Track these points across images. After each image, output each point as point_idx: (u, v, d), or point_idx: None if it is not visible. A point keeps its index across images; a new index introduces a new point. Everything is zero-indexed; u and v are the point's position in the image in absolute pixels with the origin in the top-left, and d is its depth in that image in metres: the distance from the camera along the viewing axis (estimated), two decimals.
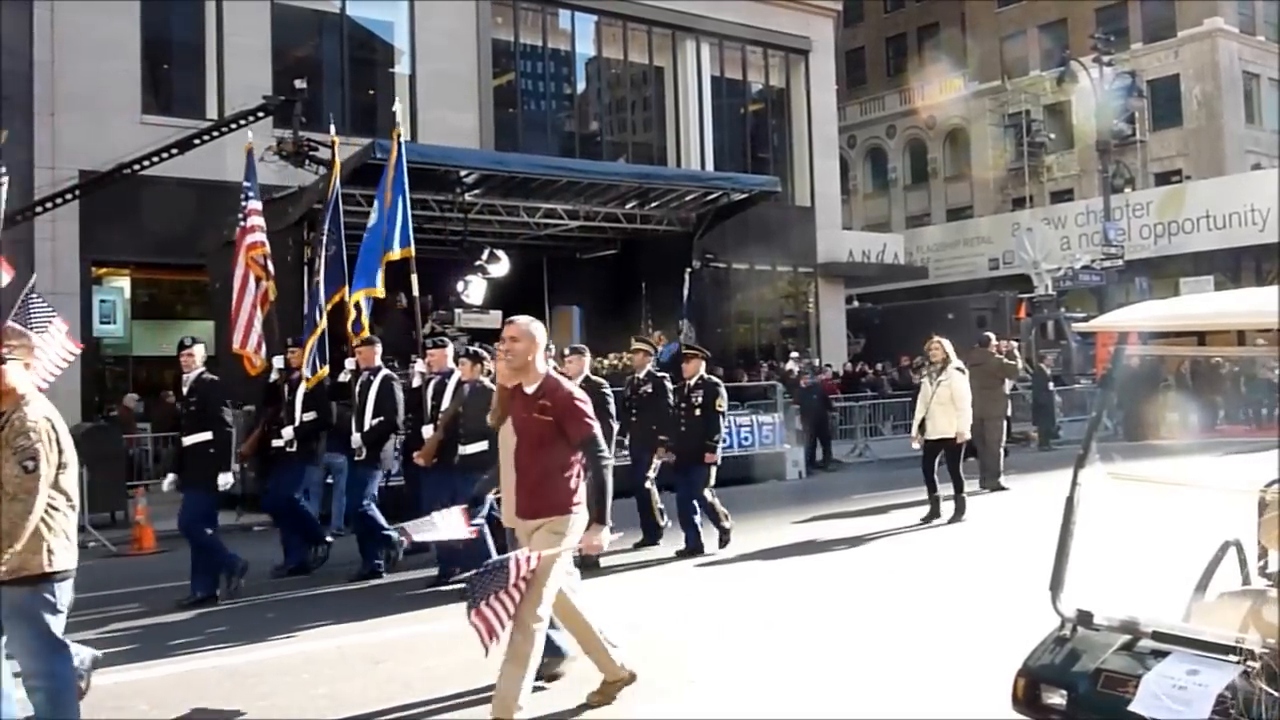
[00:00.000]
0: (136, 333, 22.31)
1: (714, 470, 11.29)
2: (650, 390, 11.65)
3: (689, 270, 20.02)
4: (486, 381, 9.27)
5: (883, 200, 51.76)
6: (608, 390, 10.36)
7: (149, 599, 9.70)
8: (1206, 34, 42.43)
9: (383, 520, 10.55)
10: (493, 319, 17.35)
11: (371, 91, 24.87)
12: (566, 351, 10.63)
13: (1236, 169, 40.74)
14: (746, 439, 18.95)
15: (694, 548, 11.04)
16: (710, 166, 28.04)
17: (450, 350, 10.51)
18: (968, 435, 13.02)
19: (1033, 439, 23.41)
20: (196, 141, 16.48)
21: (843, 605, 8.72)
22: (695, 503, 11.24)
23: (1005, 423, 16.49)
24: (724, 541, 11.29)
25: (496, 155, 21.99)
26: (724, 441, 11.90)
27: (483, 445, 8.88)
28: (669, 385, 11.65)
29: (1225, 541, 4.56)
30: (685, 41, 28.77)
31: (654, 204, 19.81)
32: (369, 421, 10.62)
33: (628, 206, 19.67)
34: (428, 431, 10.15)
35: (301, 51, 23.08)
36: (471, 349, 10.07)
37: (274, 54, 21.85)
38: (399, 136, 13.39)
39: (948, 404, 12.70)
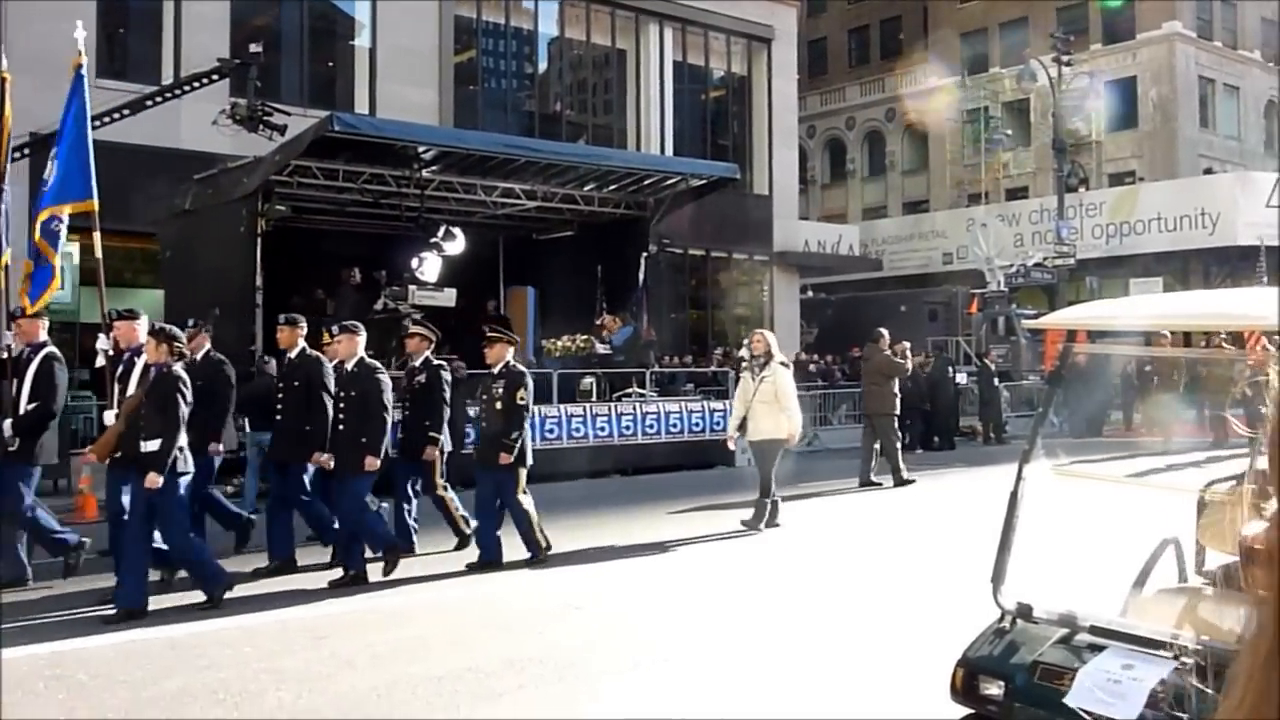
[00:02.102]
0: (84, 299, 21.98)
1: (523, 473, 9.79)
2: (425, 380, 10.48)
3: (645, 254, 20.04)
4: (177, 367, 8.18)
5: (840, 191, 51.97)
6: (382, 376, 9.42)
7: (91, 568, 9.58)
8: (1164, 38, 42.89)
9: (53, 522, 9.45)
10: (447, 296, 17.32)
11: (331, 64, 24.62)
12: (335, 330, 9.69)
13: (1189, 172, 41.27)
14: (697, 424, 18.99)
15: (488, 561, 9.53)
16: (670, 151, 28.04)
17: (143, 323, 9.32)
18: (797, 437, 12.18)
19: (979, 433, 23.68)
20: (149, 104, 16.21)
21: (777, 596, 8.79)
22: (508, 510, 9.86)
23: (895, 420, 16.29)
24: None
25: (455, 132, 21.84)
26: (528, 438, 10.05)
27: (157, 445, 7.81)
28: (446, 375, 10.66)
29: (1164, 539, 4.64)
30: (649, 25, 28.71)
31: (612, 187, 19.78)
32: (24, 407, 9.30)
33: (586, 189, 19.63)
34: (109, 419, 9.07)
35: (261, 20, 22.76)
36: (160, 327, 8.68)
37: (233, 22, 21.53)
38: (79, 67, 11.94)
39: (771, 402, 11.63)
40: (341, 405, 9.31)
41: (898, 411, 16.36)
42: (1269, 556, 0.79)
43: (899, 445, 16.12)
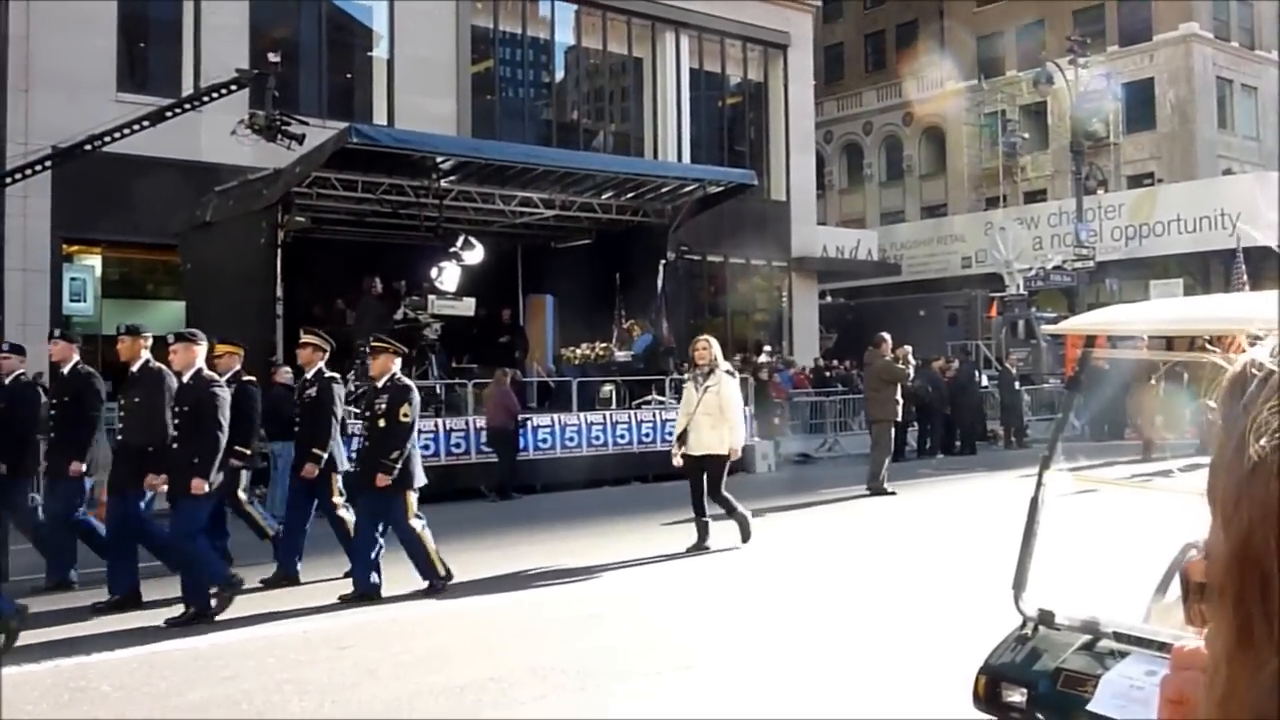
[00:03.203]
0: (107, 311, 22.14)
1: (413, 497, 9.01)
2: (315, 394, 9.88)
3: (663, 262, 20.06)
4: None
5: (858, 196, 51.87)
6: (219, 390, 8.59)
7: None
8: (1181, 39, 42.71)
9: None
10: (466, 305, 17.37)
11: (349, 75, 24.76)
12: (170, 339, 8.92)
13: (1208, 173, 41.06)
14: None
15: (364, 593, 8.73)
16: (687, 158, 28.07)
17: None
18: (739, 451, 11.33)
19: (1000, 437, 23.63)
20: (168, 115, 16.32)
21: (800, 602, 8.78)
22: (398, 536, 9.03)
23: (893, 427, 15.91)
24: (443, 577, 9.04)
25: (473, 142, 21.93)
26: (416, 458, 9.21)
27: None
28: (339, 389, 10.13)
29: (1186, 543, 4.62)
30: (665, 33, 28.74)
31: (630, 195, 19.81)
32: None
33: (603, 197, 19.66)
34: None
35: (279, 32, 22.89)
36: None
37: (252, 34, 21.67)
38: None
39: (715, 414, 10.78)
40: (175, 422, 8.53)
41: (898, 418, 16.09)
42: (1215, 589, 0.77)
43: (888, 453, 15.68)
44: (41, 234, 19.68)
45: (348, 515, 9.65)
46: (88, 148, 15.61)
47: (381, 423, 8.98)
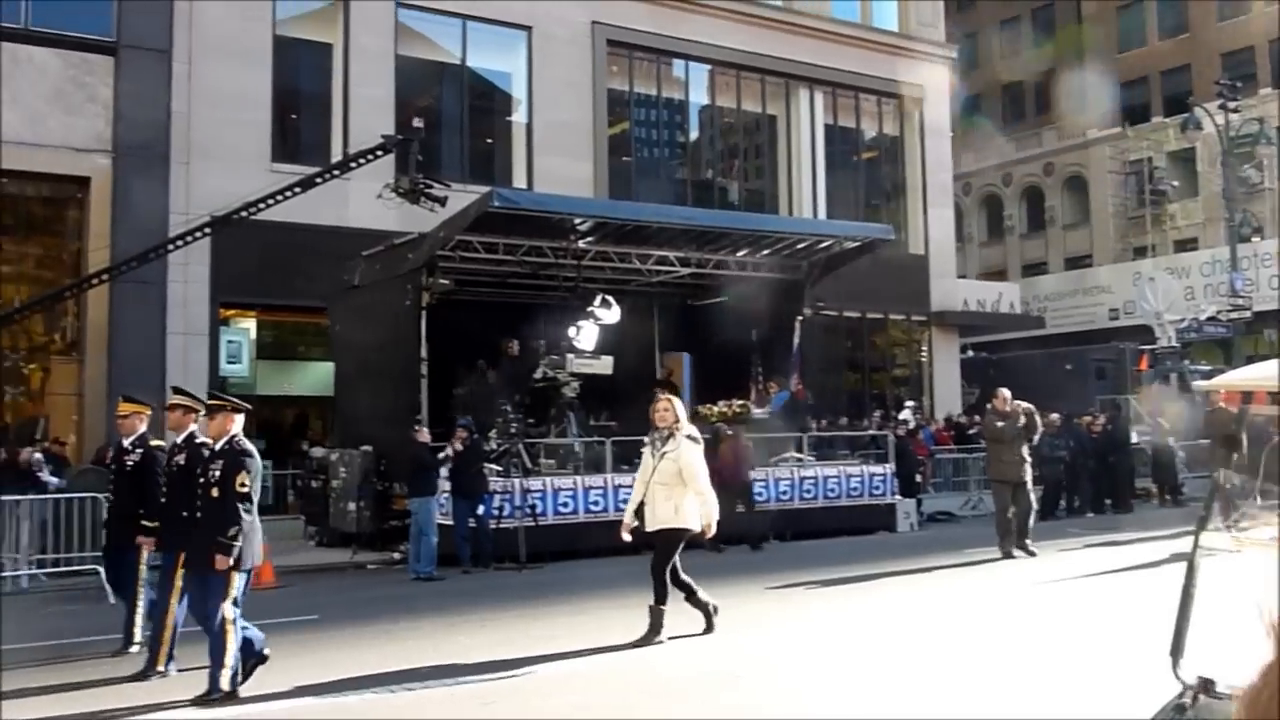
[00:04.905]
0: (261, 372, 23.00)
1: (235, 579, 7.73)
2: (184, 461, 8.72)
3: (800, 318, 20.00)
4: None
5: (999, 248, 51.02)
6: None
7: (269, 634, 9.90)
8: None
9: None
10: (604, 364, 17.55)
11: (489, 140, 25.41)
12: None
13: None
14: (856, 489, 18.80)
15: (209, 693, 7.61)
16: (822, 214, 28.00)
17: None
18: (714, 526, 9.60)
19: (1154, 495, 22.82)
20: (318, 181, 16.97)
21: (940, 664, 8.58)
22: (206, 620, 7.84)
23: (1012, 488, 14.62)
24: (231, 685, 7.68)
25: (610, 203, 22.29)
26: (257, 535, 8.04)
27: None
28: (173, 455, 8.95)
29: None
30: (798, 90, 28.84)
31: (765, 252, 19.84)
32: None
33: (739, 254, 19.73)
34: None
35: (423, 101, 23.69)
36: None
37: (397, 104, 22.46)
38: None
39: (672, 483, 9.30)
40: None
41: (1013, 478, 14.72)
42: None
43: (1006, 514, 14.64)
44: (200, 299, 20.58)
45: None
46: (243, 214, 16.29)
47: (215, 492, 7.85)
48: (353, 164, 17.45)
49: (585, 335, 17.36)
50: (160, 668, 8.47)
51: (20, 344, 20.00)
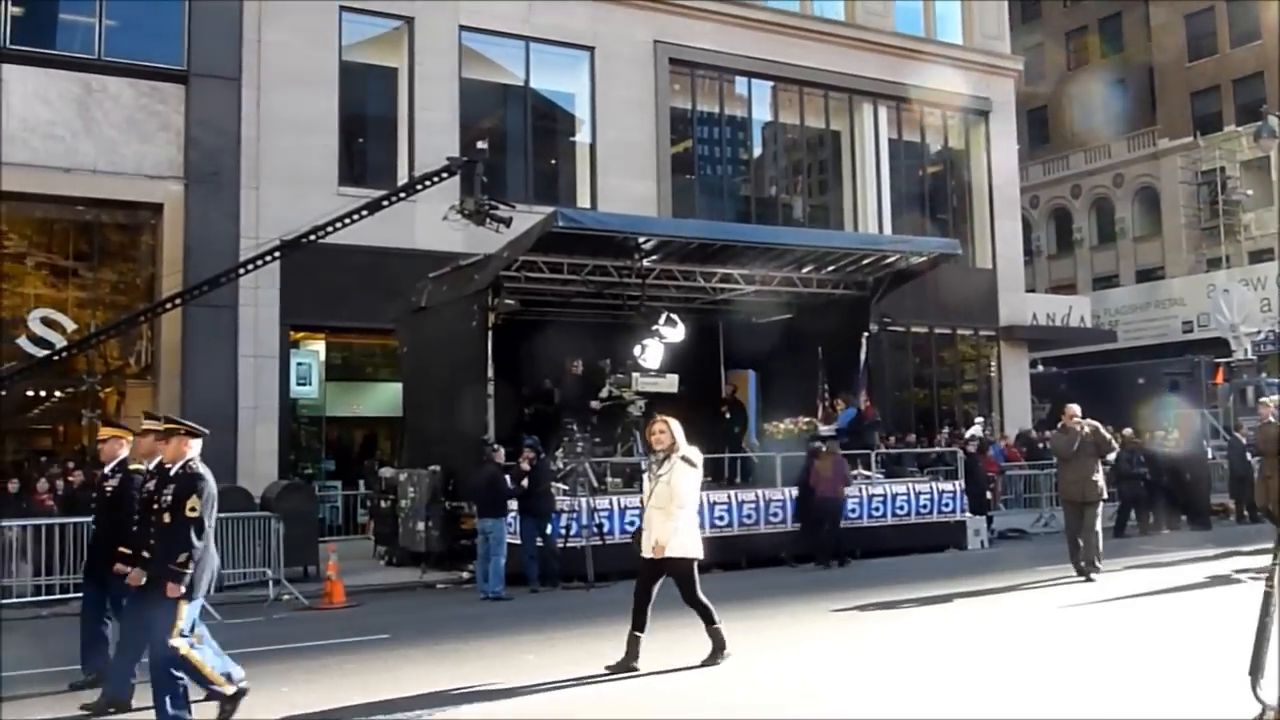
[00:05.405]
0: (330, 394, 23.27)
1: (183, 609, 7.35)
2: (115, 488, 8.72)
3: (866, 334, 19.86)
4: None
5: (1068, 261, 50.34)
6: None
7: (337, 653, 10.00)
8: None
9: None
10: (669, 383, 17.52)
11: (554, 160, 25.55)
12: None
13: None
14: (925, 506, 18.61)
15: (221, 707, 7.56)
16: (888, 228, 27.79)
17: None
18: (698, 551, 9.15)
19: (1232, 511, 22.32)
20: (384, 203, 17.15)
21: (1014, 685, 8.43)
22: (151, 654, 7.47)
23: (1076, 508, 14.19)
24: (234, 684, 7.63)
25: (674, 222, 22.28)
26: (212, 562, 7.75)
27: None
28: (145, 481, 8.34)
29: None
30: (862, 105, 28.69)
31: (830, 268, 19.73)
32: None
33: (804, 270, 19.64)
34: None
35: (488, 123, 23.87)
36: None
37: (461, 126, 22.66)
38: None
39: (667, 507, 8.89)
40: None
41: (1076, 497, 14.23)
42: None
43: (1077, 534, 14.15)
44: (271, 321, 20.88)
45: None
46: (311, 238, 16.51)
47: (167, 518, 7.56)
48: (418, 186, 17.59)
49: (650, 354, 17.37)
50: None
51: (96, 368, 20.40)
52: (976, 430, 23.62)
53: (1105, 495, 14.54)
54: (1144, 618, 11.20)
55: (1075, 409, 14.65)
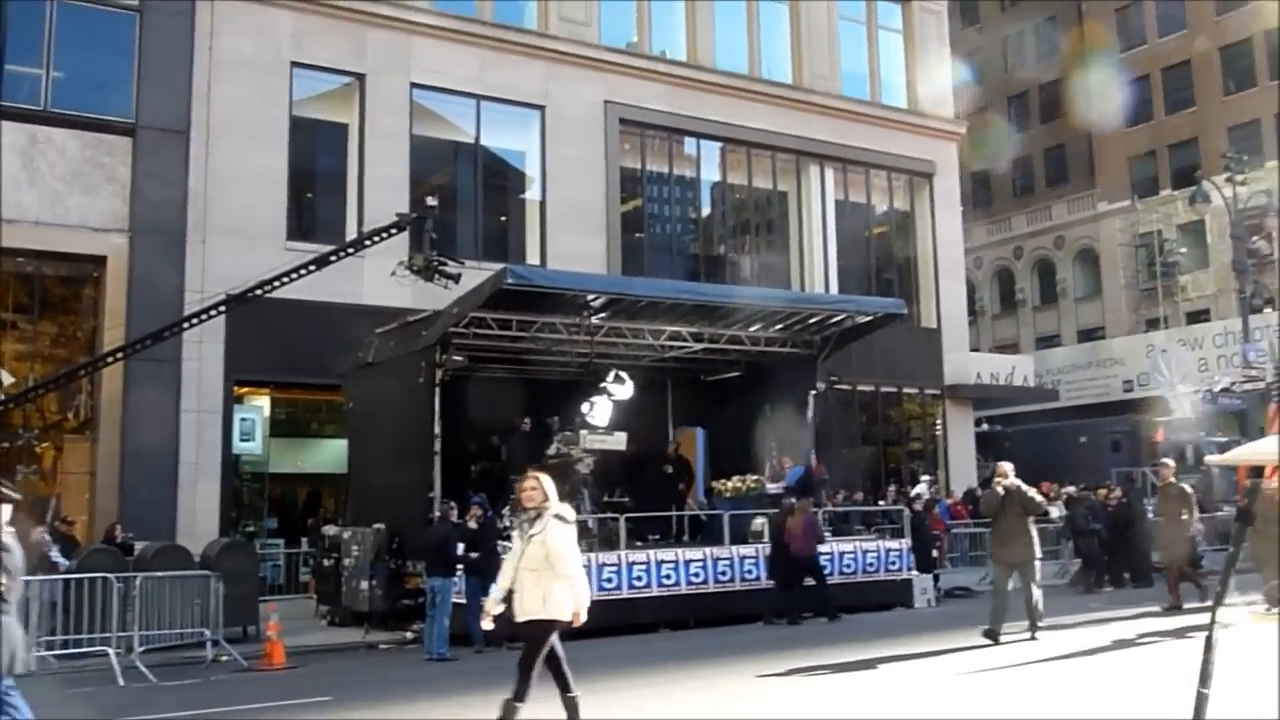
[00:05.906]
0: (274, 450, 23.02)
1: None
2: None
3: (813, 392, 19.99)
4: None
5: (1011, 321, 51.12)
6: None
7: (276, 716, 9.83)
8: None
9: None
10: (617, 440, 17.53)
11: (504, 218, 25.63)
12: None
13: None
14: (872, 564, 18.65)
15: None
16: (834, 288, 28.11)
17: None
18: (584, 614, 8.35)
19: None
20: (332, 258, 17.11)
21: None
22: None
23: (1004, 569, 13.91)
24: None
25: (623, 280, 22.37)
26: (15, 640, 7.29)
27: None
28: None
29: None
30: (809, 166, 29.09)
31: (778, 326, 19.89)
32: None
33: (752, 329, 19.77)
34: None
35: (438, 179, 23.94)
36: None
37: (412, 182, 22.69)
38: None
39: (540, 569, 8.16)
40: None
41: (1003, 559, 13.99)
42: None
43: (1002, 594, 13.87)
44: (215, 376, 20.66)
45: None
46: (258, 292, 16.42)
47: None
48: (367, 242, 17.61)
49: (599, 411, 17.38)
50: None
51: (33, 423, 20.05)
52: (923, 488, 23.78)
53: (1039, 556, 14.42)
54: (1081, 678, 11.27)
55: (1006, 467, 14.57)
